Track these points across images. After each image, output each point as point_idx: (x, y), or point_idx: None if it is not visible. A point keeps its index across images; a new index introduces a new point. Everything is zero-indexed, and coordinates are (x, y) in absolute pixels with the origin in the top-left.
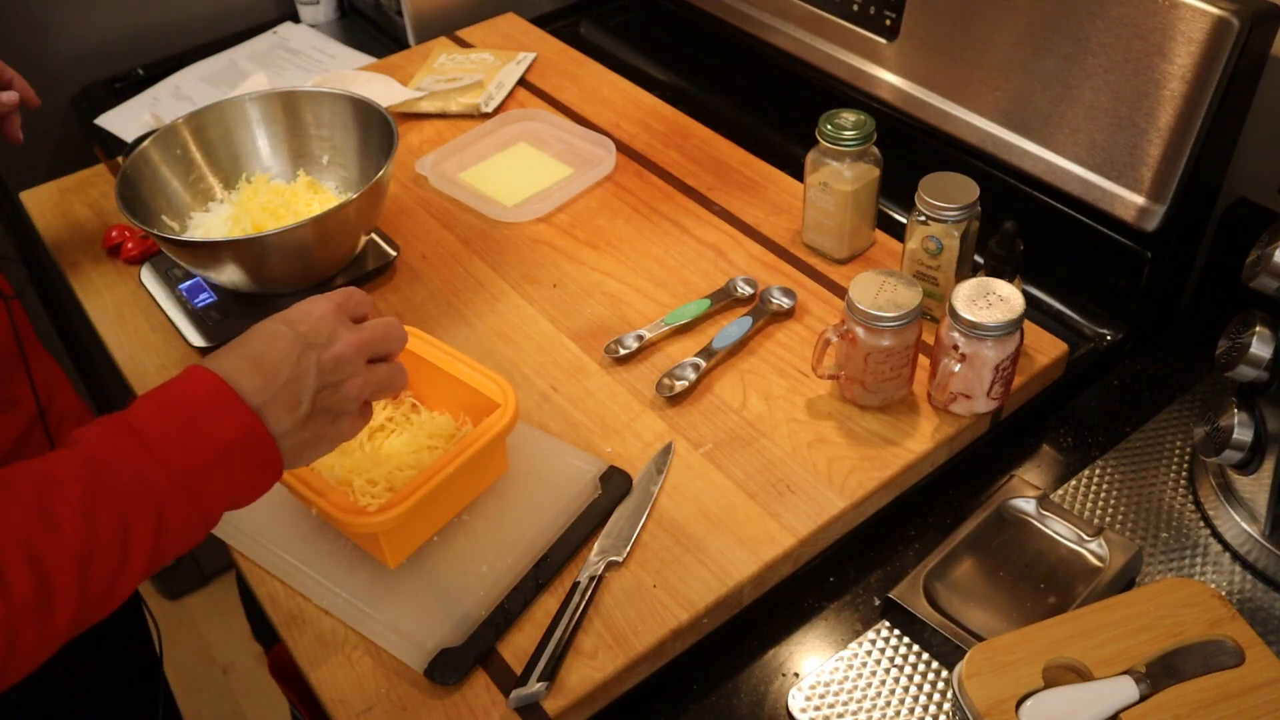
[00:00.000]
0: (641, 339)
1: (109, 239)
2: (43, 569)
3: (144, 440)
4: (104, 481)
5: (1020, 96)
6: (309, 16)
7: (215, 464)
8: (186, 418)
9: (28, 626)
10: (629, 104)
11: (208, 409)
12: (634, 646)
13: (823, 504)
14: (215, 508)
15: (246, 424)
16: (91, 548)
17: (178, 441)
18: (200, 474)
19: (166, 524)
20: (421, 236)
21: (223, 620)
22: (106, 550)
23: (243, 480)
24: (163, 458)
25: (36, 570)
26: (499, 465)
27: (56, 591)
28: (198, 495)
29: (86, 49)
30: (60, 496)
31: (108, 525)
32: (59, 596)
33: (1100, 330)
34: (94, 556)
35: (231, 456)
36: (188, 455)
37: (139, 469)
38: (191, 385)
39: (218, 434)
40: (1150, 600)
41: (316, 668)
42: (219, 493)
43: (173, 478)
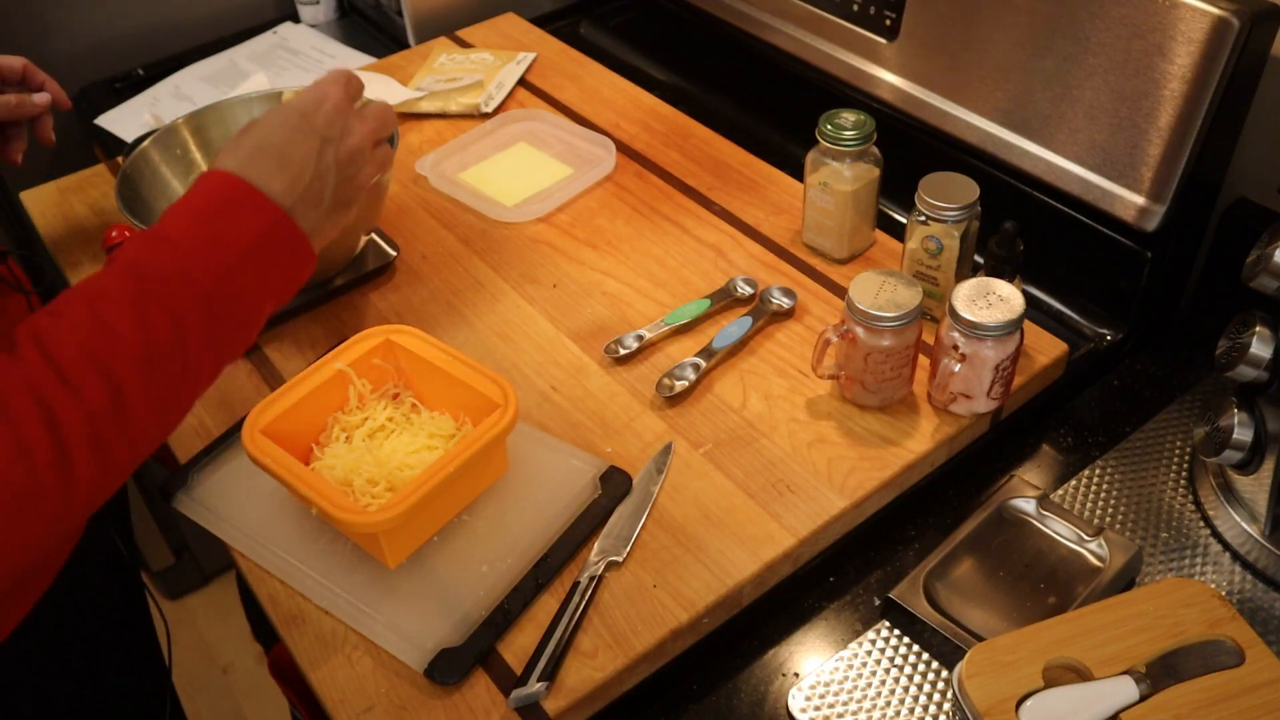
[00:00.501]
0: (641, 339)
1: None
2: (111, 372)
3: (178, 244)
4: (148, 286)
5: (1020, 96)
6: (309, 16)
7: (248, 256)
8: (214, 218)
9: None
10: (629, 104)
11: (231, 206)
12: (634, 646)
13: (823, 504)
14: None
15: (270, 215)
16: (150, 348)
17: (211, 240)
18: (237, 267)
19: (217, 316)
20: (421, 236)
21: (223, 620)
22: (166, 349)
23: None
24: (200, 257)
25: (104, 375)
26: (499, 465)
27: (128, 394)
28: (239, 288)
29: (86, 49)
30: (109, 305)
31: (160, 325)
32: (131, 398)
33: (1100, 330)
34: (155, 356)
35: (262, 248)
36: (221, 252)
37: (179, 269)
38: (214, 187)
39: (245, 229)
40: (1150, 600)
41: (316, 668)
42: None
43: (212, 274)
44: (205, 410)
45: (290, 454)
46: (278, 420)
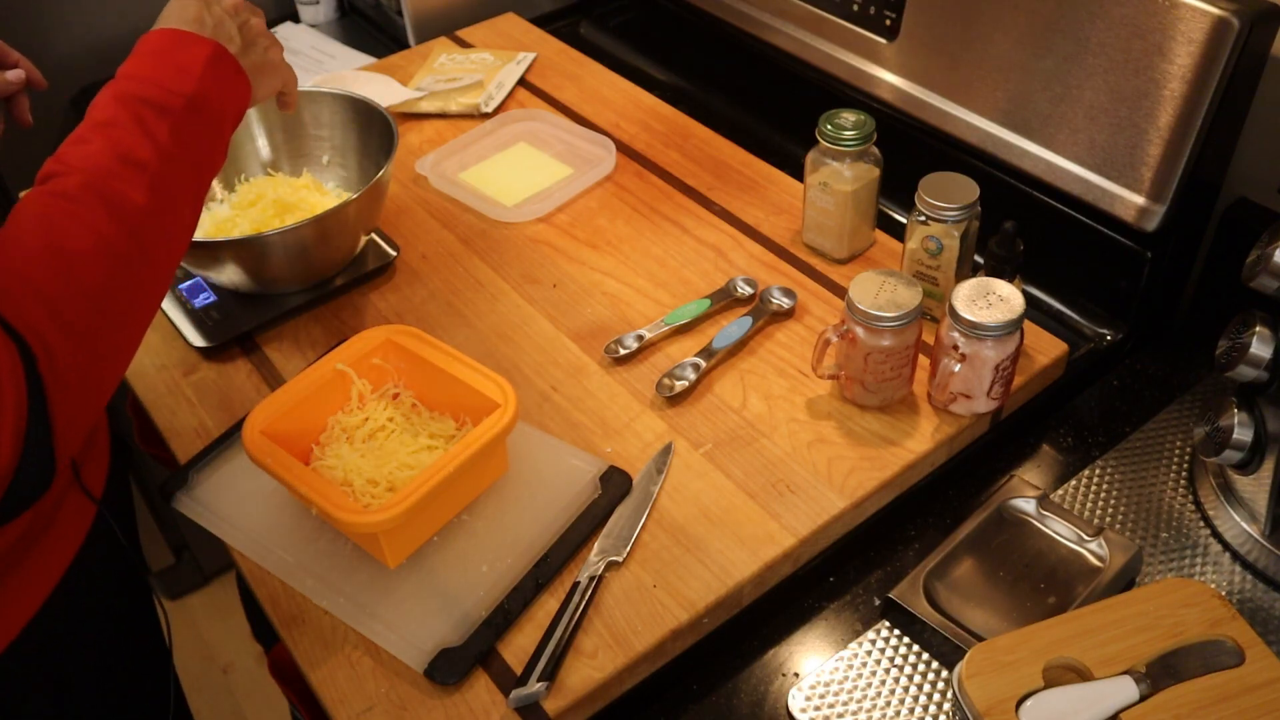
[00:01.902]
0: (641, 339)
1: None
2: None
3: (148, 77)
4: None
5: (1020, 96)
6: (309, 16)
7: (207, 76)
8: (166, 53)
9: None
10: (629, 104)
11: (177, 43)
12: (634, 646)
13: (823, 504)
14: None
15: (210, 45)
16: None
17: (173, 67)
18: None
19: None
20: (421, 236)
21: (223, 620)
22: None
23: (230, 90)
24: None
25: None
26: (499, 465)
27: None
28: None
29: (86, 49)
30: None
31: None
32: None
33: (1100, 330)
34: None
35: (214, 70)
36: (186, 74)
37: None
38: (153, 37)
39: (195, 56)
40: (1150, 600)
41: (316, 668)
42: (222, 101)
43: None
44: (205, 410)
45: (290, 454)
46: (278, 420)
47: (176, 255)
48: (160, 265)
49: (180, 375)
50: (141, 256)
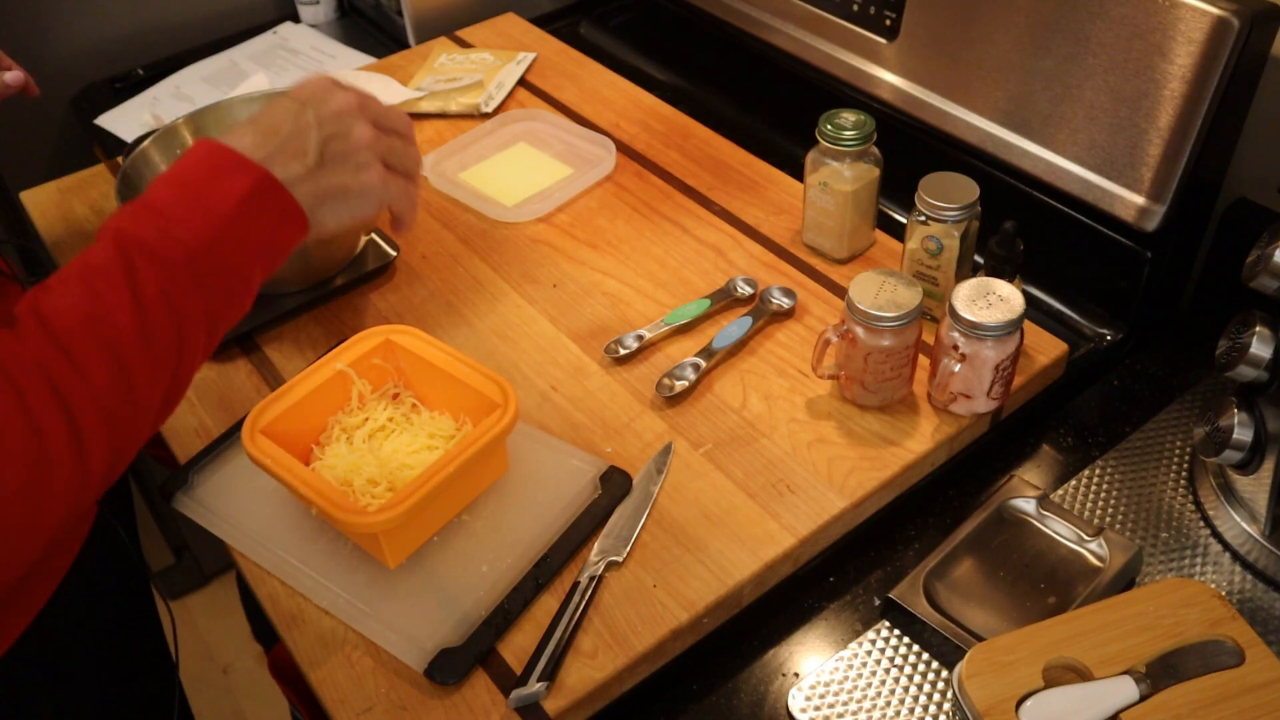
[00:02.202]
0: (641, 339)
1: None
2: (113, 349)
3: (163, 213)
4: (138, 258)
5: (1020, 96)
6: (309, 16)
7: (234, 220)
8: (197, 185)
9: (120, 406)
10: (629, 104)
11: (214, 171)
12: (634, 646)
13: (823, 504)
14: (247, 265)
15: (254, 176)
16: (145, 322)
17: (194, 207)
18: (224, 232)
19: (205, 283)
20: (421, 236)
21: (223, 620)
22: (158, 317)
23: (266, 234)
24: (184, 223)
25: (106, 347)
26: (499, 465)
27: (131, 366)
28: (226, 253)
29: (86, 49)
30: (103, 280)
31: (150, 294)
32: (135, 375)
33: (1100, 330)
34: (150, 329)
35: (247, 211)
36: (206, 218)
37: (165, 238)
38: (198, 155)
39: (229, 192)
40: (1150, 600)
41: (316, 668)
42: (247, 247)
43: (198, 239)
44: (205, 410)
45: (290, 454)
46: (278, 420)
47: (141, 438)
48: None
49: None
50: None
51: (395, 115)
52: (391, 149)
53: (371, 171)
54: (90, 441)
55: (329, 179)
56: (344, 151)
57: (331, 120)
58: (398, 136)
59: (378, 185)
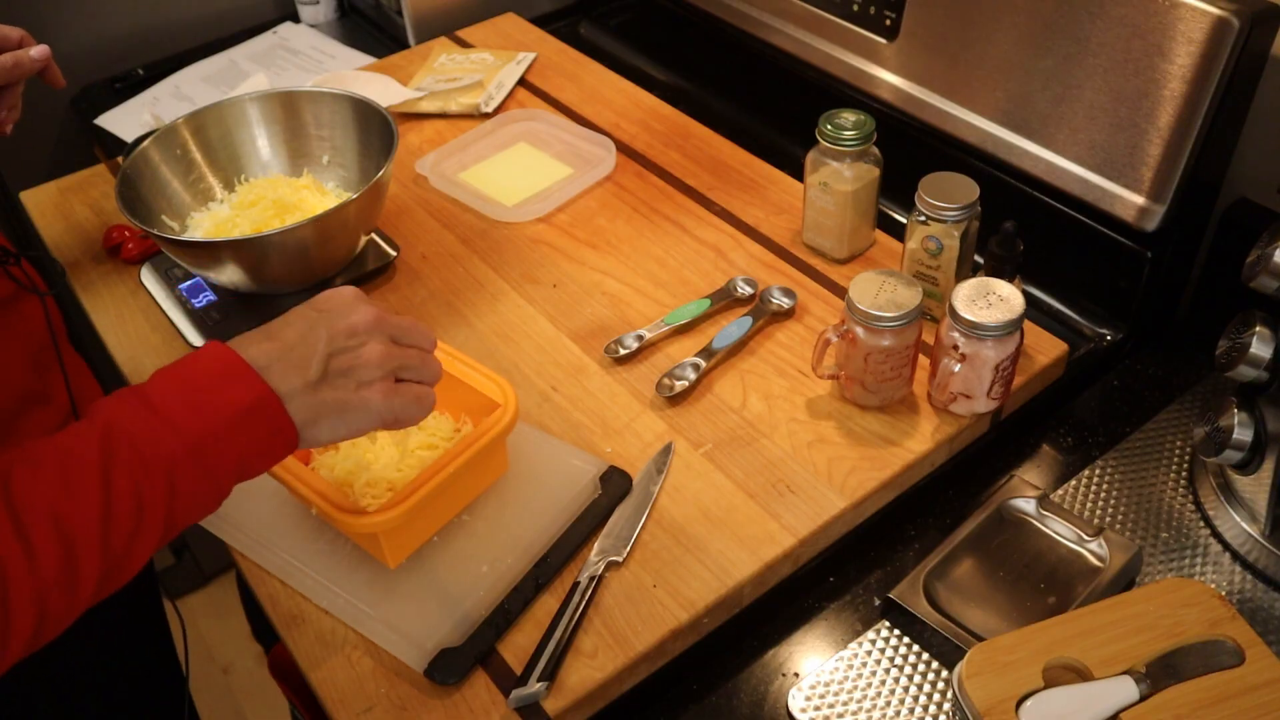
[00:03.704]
0: (641, 339)
1: (109, 239)
2: (69, 538)
3: (157, 410)
4: (119, 449)
5: (1020, 96)
6: (309, 16)
7: (226, 432)
8: (198, 387)
9: (58, 596)
10: (629, 104)
11: (218, 378)
12: (634, 646)
13: (823, 504)
14: (227, 475)
15: (256, 392)
16: (109, 514)
17: (190, 410)
18: (211, 442)
19: (178, 490)
20: (421, 236)
21: (223, 620)
22: (122, 516)
23: (254, 448)
24: (175, 425)
25: (63, 540)
26: (499, 465)
27: (80, 560)
28: (209, 462)
29: (86, 49)
30: (78, 466)
31: (122, 491)
32: (83, 565)
33: (1100, 330)
34: (111, 522)
35: (242, 424)
36: (200, 423)
37: (152, 437)
38: (205, 357)
39: (228, 403)
40: (1150, 600)
41: (316, 668)
42: (230, 460)
43: (185, 445)
44: None
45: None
46: None
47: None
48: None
49: None
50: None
51: (417, 331)
52: (406, 365)
53: (373, 389)
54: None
55: (327, 394)
56: (349, 367)
57: (343, 335)
58: (416, 351)
59: (378, 403)
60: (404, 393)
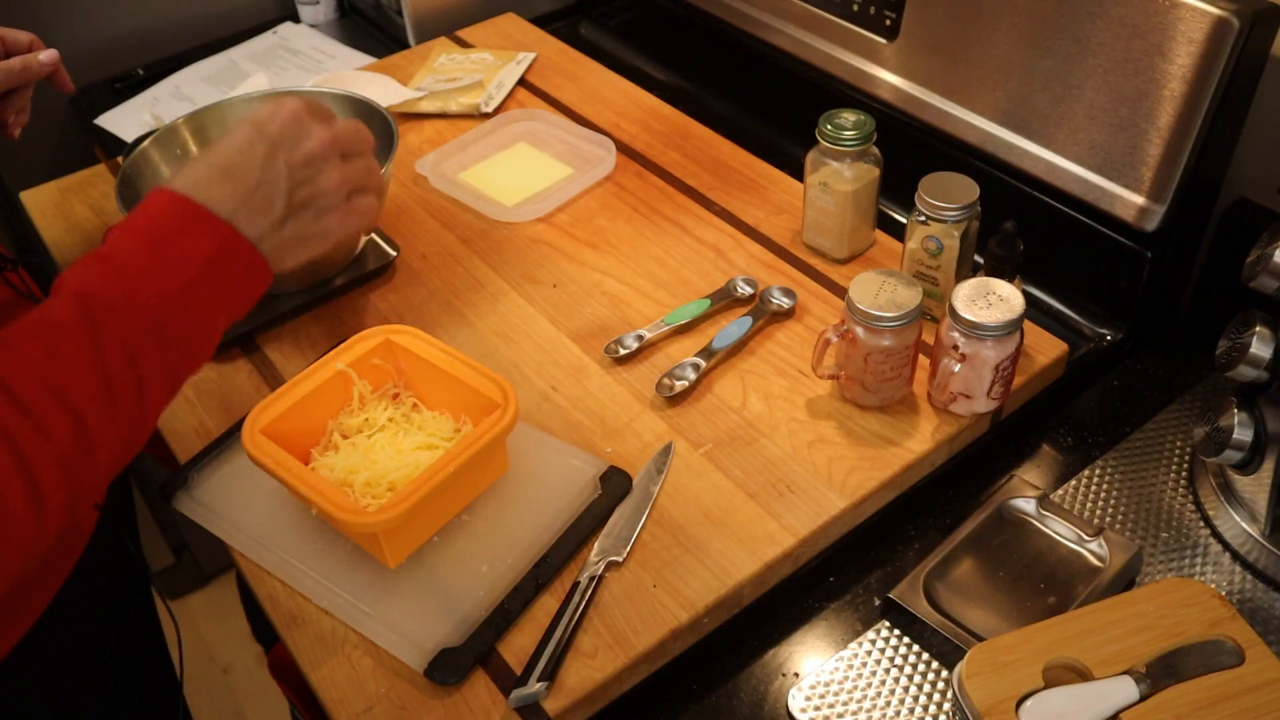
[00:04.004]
0: (641, 339)
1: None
2: (73, 406)
3: (125, 271)
4: (99, 315)
5: (1020, 96)
6: (309, 16)
7: (200, 280)
8: (162, 241)
9: (81, 463)
10: (629, 104)
11: (178, 229)
12: (634, 646)
13: (823, 504)
14: (212, 321)
15: (220, 236)
16: (107, 379)
17: (159, 265)
18: (188, 292)
19: (169, 341)
20: (421, 236)
21: (223, 620)
22: (122, 378)
23: (232, 290)
24: (148, 283)
25: (68, 408)
26: (499, 465)
27: (91, 425)
28: (191, 311)
29: (86, 49)
30: (63, 337)
31: (115, 354)
32: (95, 430)
33: (1100, 330)
34: (112, 386)
35: (213, 270)
36: (172, 277)
37: (129, 297)
38: (158, 208)
39: (194, 251)
40: (1150, 600)
41: (316, 668)
42: (212, 305)
43: (162, 299)
44: (205, 410)
45: (290, 454)
46: (278, 420)
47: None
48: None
49: None
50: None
51: (358, 137)
52: (357, 180)
53: (333, 216)
54: (49, 495)
55: (291, 230)
56: (309, 198)
57: (301, 167)
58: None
59: (335, 228)
60: (354, 211)
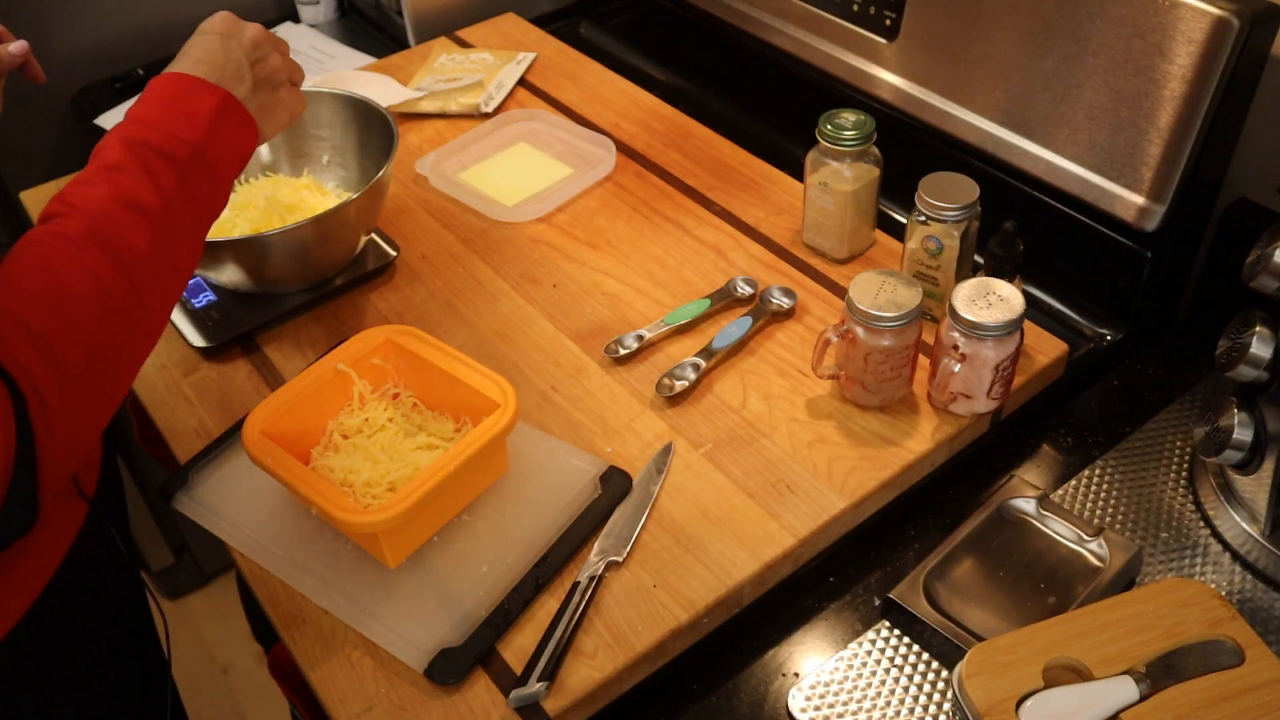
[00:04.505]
0: (641, 339)
1: None
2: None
3: (157, 123)
4: (151, 157)
5: (1020, 96)
6: (309, 16)
7: (213, 129)
8: (176, 100)
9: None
10: (629, 104)
11: (187, 91)
12: (634, 646)
13: (823, 504)
14: (227, 166)
15: (218, 95)
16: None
17: (179, 118)
18: (207, 138)
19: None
20: (421, 236)
21: (223, 620)
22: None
23: (235, 138)
24: (179, 128)
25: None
26: (499, 465)
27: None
28: (215, 153)
29: (86, 49)
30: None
31: (170, 185)
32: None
33: (1100, 330)
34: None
35: (220, 120)
36: (192, 126)
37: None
38: (163, 83)
39: (202, 107)
40: (1150, 600)
41: (316, 668)
42: (225, 152)
43: (195, 139)
44: (205, 410)
45: (290, 454)
46: (278, 420)
47: (172, 300)
48: (156, 310)
49: (180, 375)
50: (138, 302)
51: (278, 38)
52: (291, 69)
53: (283, 90)
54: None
55: (263, 96)
56: (268, 74)
57: (252, 49)
58: (289, 58)
59: (290, 100)
60: (296, 93)
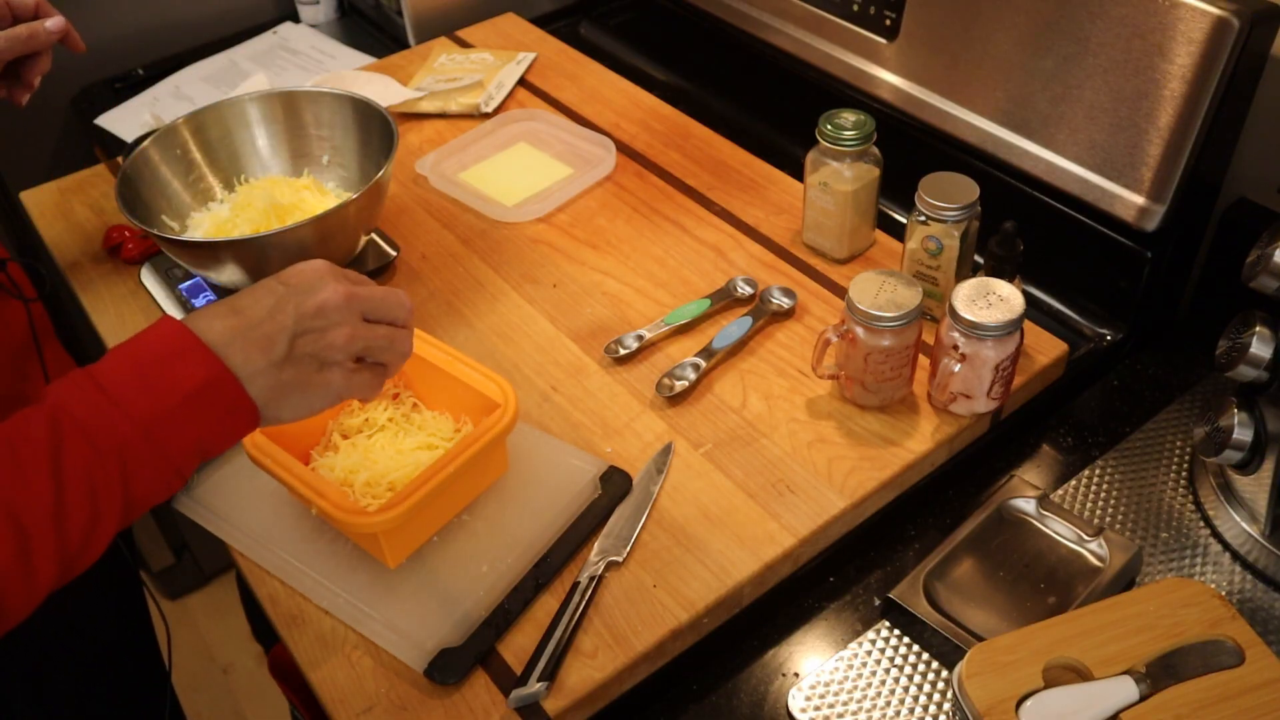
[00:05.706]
0: (641, 339)
1: (109, 239)
2: (22, 526)
3: (107, 390)
4: (69, 434)
5: (1020, 96)
6: (309, 16)
7: (178, 411)
8: (149, 366)
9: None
10: (629, 104)
11: (170, 357)
12: (634, 646)
13: (823, 504)
14: (183, 455)
15: (210, 370)
16: (61, 501)
17: (140, 390)
18: (163, 421)
19: (131, 472)
20: (421, 236)
21: (223, 620)
22: (76, 501)
23: (211, 427)
24: (124, 407)
25: (16, 527)
26: (499, 465)
27: (35, 548)
28: (162, 443)
29: (87, 49)
30: (29, 452)
31: (74, 476)
32: (38, 553)
33: (1100, 330)
34: (65, 509)
35: (195, 403)
36: (150, 403)
37: (101, 418)
38: (157, 334)
39: (180, 381)
40: (1150, 600)
41: (316, 668)
42: (185, 440)
43: (135, 426)
44: None
45: (290, 454)
46: None
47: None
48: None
49: None
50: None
51: (389, 303)
52: (371, 346)
53: (335, 371)
54: None
55: (289, 374)
56: (314, 349)
57: (311, 315)
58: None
59: (339, 383)
60: (364, 371)
